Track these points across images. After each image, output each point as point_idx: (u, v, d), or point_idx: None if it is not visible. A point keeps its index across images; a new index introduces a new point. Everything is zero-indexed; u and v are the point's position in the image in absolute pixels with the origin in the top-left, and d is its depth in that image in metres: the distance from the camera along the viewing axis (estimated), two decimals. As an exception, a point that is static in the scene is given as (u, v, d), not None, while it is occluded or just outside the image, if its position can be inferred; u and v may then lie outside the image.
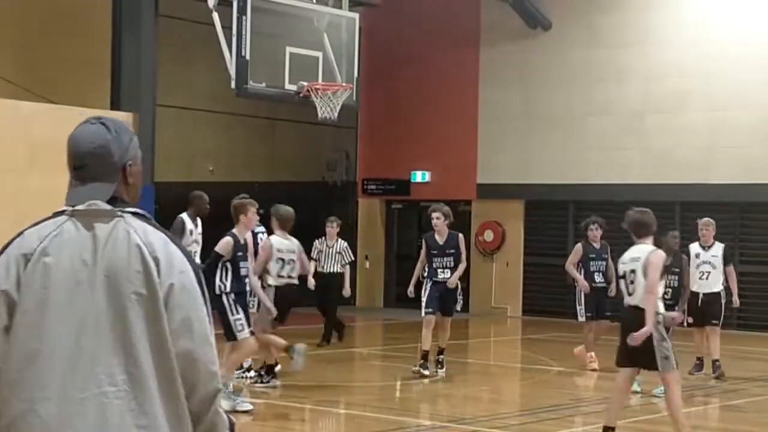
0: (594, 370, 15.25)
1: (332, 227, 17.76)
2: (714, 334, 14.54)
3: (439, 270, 14.61)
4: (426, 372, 14.39)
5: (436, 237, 14.71)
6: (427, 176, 26.29)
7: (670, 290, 13.10)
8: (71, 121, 14.10)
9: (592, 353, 15.50)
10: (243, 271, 11.55)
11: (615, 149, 23.54)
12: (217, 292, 11.32)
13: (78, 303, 3.03)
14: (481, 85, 25.45)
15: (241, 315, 11.38)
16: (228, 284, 11.41)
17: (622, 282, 9.92)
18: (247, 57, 16.08)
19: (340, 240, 17.95)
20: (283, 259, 12.88)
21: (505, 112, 25.06)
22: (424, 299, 14.60)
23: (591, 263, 15.67)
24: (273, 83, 16.72)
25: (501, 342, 21.79)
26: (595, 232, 15.81)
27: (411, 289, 15.28)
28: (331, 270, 17.65)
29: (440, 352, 14.81)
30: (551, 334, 21.07)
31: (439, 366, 14.69)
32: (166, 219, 14.68)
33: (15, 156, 17.71)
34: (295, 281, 13.16)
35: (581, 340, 17.88)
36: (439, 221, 14.53)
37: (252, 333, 11.49)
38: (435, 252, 14.57)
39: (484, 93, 25.39)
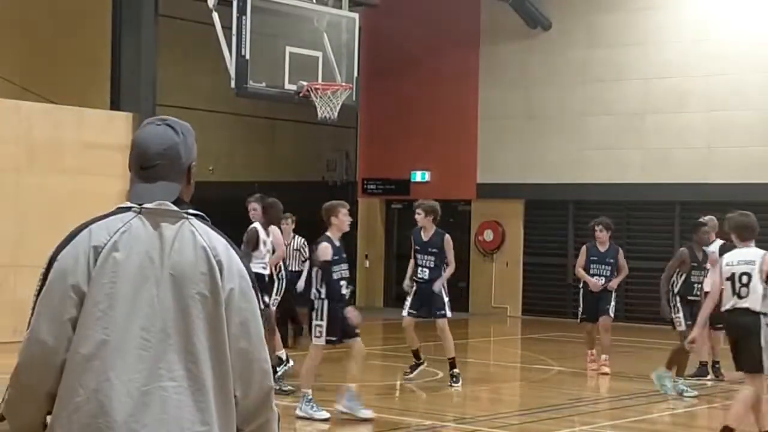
0: (605, 373, 15.01)
1: (287, 224, 16.73)
2: (717, 335, 14.21)
3: (419, 268, 14.14)
4: (410, 374, 14.05)
5: (422, 233, 14.26)
6: (427, 176, 26.29)
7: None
8: (71, 121, 14.16)
9: (593, 351, 15.41)
10: (336, 275, 11.37)
11: (615, 149, 23.55)
12: (313, 297, 11.32)
13: (144, 299, 3.13)
14: (480, 85, 25.45)
15: (324, 322, 11.26)
16: (323, 290, 11.29)
17: (728, 284, 9.65)
18: (247, 57, 16.09)
19: (297, 237, 17.45)
20: None
21: (505, 111, 25.06)
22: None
23: (592, 266, 15.40)
24: (273, 83, 16.72)
25: (501, 342, 21.78)
26: (599, 234, 15.41)
27: (407, 282, 14.69)
28: (291, 268, 16.87)
29: (451, 365, 14.07)
30: (551, 334, 21.07)
31: (454, 380, 13.91)
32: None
33: (15, 155, 17.72)
34: None
35: (579, 340, 17.91)
36: (419, 217, 14.12)
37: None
38: (417, 248, 14.07)
39: (484, 93, 25.40)
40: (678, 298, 13.28)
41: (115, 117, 19.15)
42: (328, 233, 11.50)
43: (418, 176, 26.38)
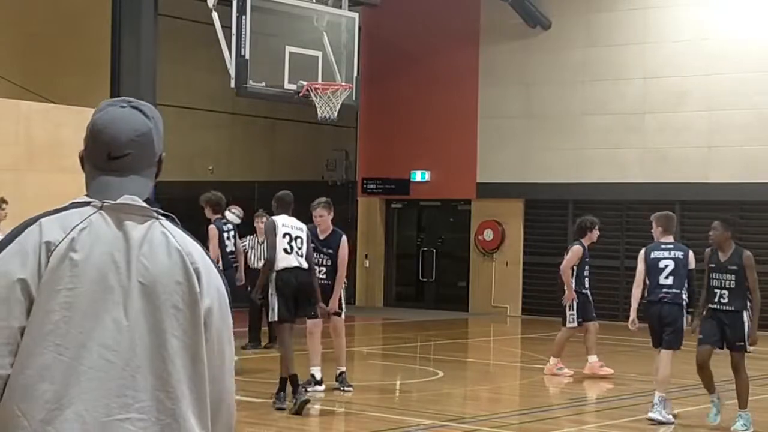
0: (607, 376, 14.94)
1: (260, 223, 16.18)
2: None
3: (316, 267, 12.95)
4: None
5: (318, 231, 13.20)
6: (427, 175, 26.30)
7: (726, 292, 11.44)
8: (71, 120, 14.16)
9: (595, 356, 15.31)
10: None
11: (614, 148, 23.56)
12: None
13: (107, 311, 2.56)
14: (480, 84, 25.45)
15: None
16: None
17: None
18: (247, 56, 16.10)
19: None
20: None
21: (504, 111, 25.07)
22: None
23: (587, 268, 15.38)
24: (273, 83, 16.74)
25: (500, 341, 21.78)
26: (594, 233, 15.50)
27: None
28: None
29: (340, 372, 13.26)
30: (551, 334, 21.04)
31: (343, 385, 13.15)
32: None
33: (15, 155, 17.73)
34: None
35: (579, 339, 17.91)
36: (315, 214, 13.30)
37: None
38: (314, 246, 12.78)
39: (484, 92, 25.40)
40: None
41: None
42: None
43: (418, 176, 26.39)
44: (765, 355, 18.80)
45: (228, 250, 14.57)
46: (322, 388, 12.84)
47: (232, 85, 16.32)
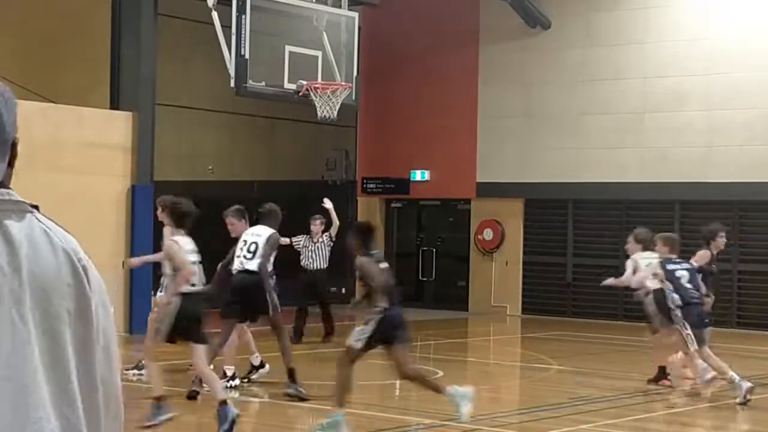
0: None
1: (316, 225, 17.79)
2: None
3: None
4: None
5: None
6: (427, 175, 26.31)
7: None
8: (71, 120, 14.15)
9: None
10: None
11: (614, 148, 23.56)
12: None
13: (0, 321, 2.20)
14: (480, 84, 25.46)
15: (689, 330, 12.93)
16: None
17: None
18: (247, 56, 16.10)
19: (324, 236, 17.94)
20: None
21: (504, 110, 25.07)
22: None
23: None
24: (272, 82, 16.74)
25: (500, 341, 21.79)
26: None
27: None
28: (318, 267, 17.80)
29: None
30: (551, 333, 21.08)
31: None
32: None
33: (14, 155, 17.71)
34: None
35: (578, 339, 17.95)
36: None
37: None
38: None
39: (484, 92, 25.41)
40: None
41: (115, 116, 19.16)
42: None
43: (418, 175, 26.40)
44: (765, 355, 18.82)
45: None
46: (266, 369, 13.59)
47: (232, 84, 16.32)
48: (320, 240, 17.81)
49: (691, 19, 22.87)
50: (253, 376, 13.62)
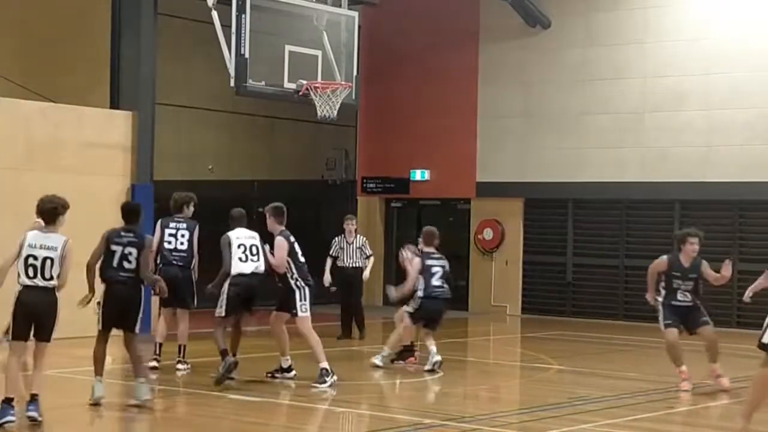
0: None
1: (350, 225, 18.77)
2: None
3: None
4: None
5: None
6: (427, 174, 26.31)
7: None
8: (71, 120, 14.15)
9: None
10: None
11: (614, 147, 23.56)
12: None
13: None
14: (480, 84, 25.46)
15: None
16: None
17: None
18: (247, 55, 16.09)
19: (359, 236, 18.91)
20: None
21: (504, 110, 25.07)
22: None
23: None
24: (272, 82, 16.72)
25: (500, 340, 21.78)
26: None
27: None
28: (354, 264, 18.68)
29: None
30: (551, 333, 21.09)
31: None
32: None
33: (14, 155, 17.72)
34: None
35: (578, 339, 17.93)
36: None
37: None
38: None
39: (484, 91, 25.41)
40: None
41: (115, 116, 19.15)
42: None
43: (418, 175, 26.39)
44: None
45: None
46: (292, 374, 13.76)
47: (232, 84, 16.30)
48: (354, 239, 18.74)
49: (691, 19, 22.87)
50: (278, 376, 13.66)
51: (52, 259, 10.25)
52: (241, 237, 13.38)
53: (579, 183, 23.91)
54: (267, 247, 13.54)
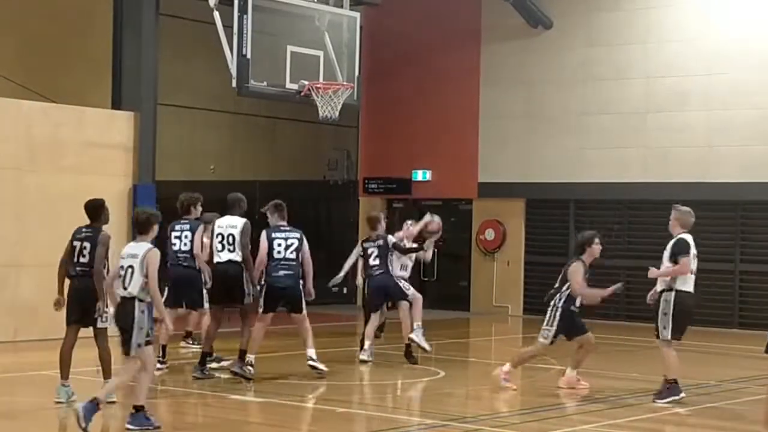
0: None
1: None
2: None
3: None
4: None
5: None
6: (428, 175, 26.30)
7: None
8: (72, 120, 14.18)
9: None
10: None
11: (615, 148, 23.55)
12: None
13: None
14: (482, 84, 25.45)
15: None
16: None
17: None
18: (248, 56, 16.09)
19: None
20: None
21: (505, 110, 25.07)
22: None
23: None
24: (274, 82, 16.72)
25: (502, 341, 21.77)
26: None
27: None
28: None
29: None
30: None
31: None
32: (166, 218, 14.69)
33: (15, 155, 17.71)
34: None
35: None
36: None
37: None
38: None
39: (485, 92, 25.40)
40: None
41: (116, 116, 19.16)
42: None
43: (419, 175, 26.38)
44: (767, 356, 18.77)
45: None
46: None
47: (234, 84, 16.30)
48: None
49: (692, 19, 22.87)
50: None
51: (133, 268, 10.26)
52: (222, 225, 13.66)
53: (581, 183, 23.91)
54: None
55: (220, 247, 13.58)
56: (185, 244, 14.29)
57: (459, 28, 25.71)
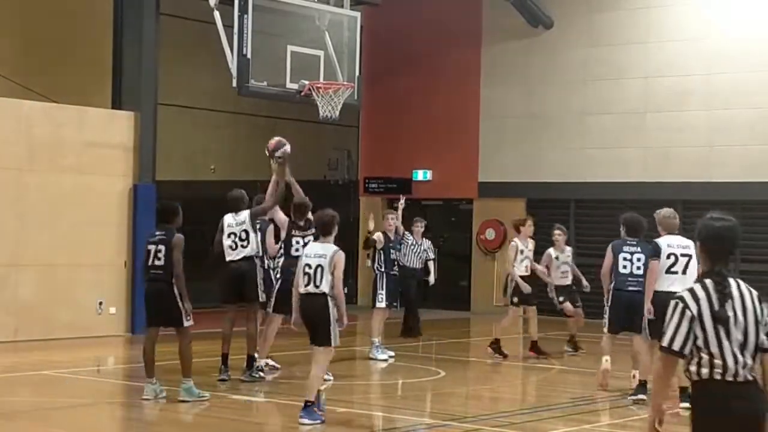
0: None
1: (418, 227, 19.24)
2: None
3: None
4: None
5: None
6: (429, 175, 26.30)
7: None
8: (72, 120, 14.24)
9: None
10: None
11: (616, 147, 23.55)
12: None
13: None
14: (482, 84, 25.45)
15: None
16: None
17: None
18: (249, 56, 16.08)
19: (425, 239, 19.34)
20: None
21: (506, 110, 25.07)
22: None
23: None
24: (274, 82, 16.71)
25: (502, 340, 21.74)
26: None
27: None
28: (414, 265, 19.05)
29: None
30: (552, 333, 21.05)
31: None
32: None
33: (16, 155, 17.72)
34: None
35: (579, 338, 17.92)
36: None
37: None
38: None
39: (486, 91, 25.40)
40: None
41: (117, 116, 19.16)
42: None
43: (420, 175, 26.39)
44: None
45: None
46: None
47: (234, 84, 16.28)
48: (422, 241, 19.24)
49: (693, 19, 22.87)
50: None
51: (322, 267, 10.81)
52: (232, 223, 13.66)
53: (581, 183, 23.91)
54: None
55: (233, 245, 13.54)
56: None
57: (459, 28, 25.72)
